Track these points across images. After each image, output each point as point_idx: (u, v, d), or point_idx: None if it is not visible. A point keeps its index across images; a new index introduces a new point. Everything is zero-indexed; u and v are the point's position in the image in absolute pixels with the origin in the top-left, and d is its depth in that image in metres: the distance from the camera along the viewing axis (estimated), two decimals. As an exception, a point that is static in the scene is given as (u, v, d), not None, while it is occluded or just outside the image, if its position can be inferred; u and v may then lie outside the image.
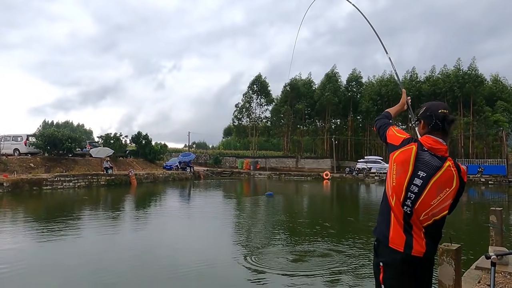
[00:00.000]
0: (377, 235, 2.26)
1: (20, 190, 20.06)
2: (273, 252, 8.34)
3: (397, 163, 2.21)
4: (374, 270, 2.29)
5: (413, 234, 2.13)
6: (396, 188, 2.18)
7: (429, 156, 2.16)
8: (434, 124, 2.21)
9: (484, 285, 4.63)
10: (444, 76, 46.86)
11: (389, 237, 2.16)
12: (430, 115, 2.23)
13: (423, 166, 2.15)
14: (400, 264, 2.13)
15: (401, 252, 2.11)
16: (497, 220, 5.81)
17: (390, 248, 2.14)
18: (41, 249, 8.45)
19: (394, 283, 2.16)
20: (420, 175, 2.14)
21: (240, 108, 56.72)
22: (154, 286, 6.10)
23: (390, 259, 2.15)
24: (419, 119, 2.32)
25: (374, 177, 37.52)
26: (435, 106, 2.28)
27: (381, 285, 2.20)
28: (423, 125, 2.28)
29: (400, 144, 2.25)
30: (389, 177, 2.23)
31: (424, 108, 2.30)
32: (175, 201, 19.79)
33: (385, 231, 2.19)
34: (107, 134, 35.72)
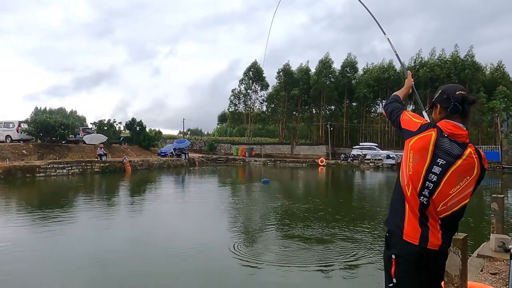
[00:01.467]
0: (390, 227, 2.13)
1: (13, 178, 19.78)
2: (268, 237, 8.27)
3: (414, 150, 2.04)
4: (385, 263, 2.15)
5: (429, 226, 2.00)
6: (412, 177, 2.02)
7: (449, 143, 2.01)
8: (453, 107, 2.05)
9: (487, 274, 4.56)
10: (442, 62, 46.67)
11: (404, 229, 2.02)
12: (447, 98, 2.08)
13: (442, 153, 2.00)
14: (415, 258, 2.01)
15: (416, 245, 1.98)
16: (499, 207, 5.74)
17: (404, 241, 2.01)
18: (38, 238, 8.29)
19: (407, 276, 2.04)
20: (439, 163, 1.99)
21: (236, 94, 56.37)
22: (152, 271, 5.99)
23: (403, 252, 2.03)
24: (435, 104, 2.16)
25: (369, 163, 37.59)
26: (452, 88, 2.13)
27: (392, 279, 2.07)
28: (440, 109, 2.13)
29: (418, 130, 2.08)
30: (405, 165, 2.06)
31: (440, 91, 2.15)
32: (170, 188, 19.66)
33: (398, 222, 2.05)
34: (101, 121, 35.33)
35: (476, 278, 4.31)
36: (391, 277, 2.08)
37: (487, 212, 8.45)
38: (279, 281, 5.58)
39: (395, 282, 2.07)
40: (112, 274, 5.98)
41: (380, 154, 38.86)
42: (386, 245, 2.15)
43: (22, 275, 5.84)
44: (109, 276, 5.91)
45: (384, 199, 15.41)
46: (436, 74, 45.09)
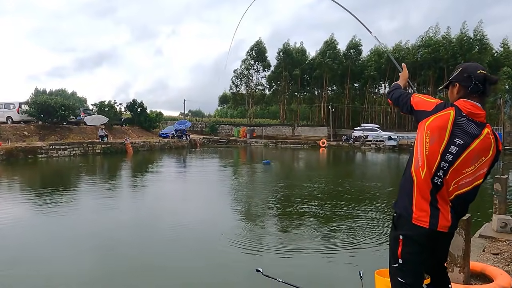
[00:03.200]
0: (399, 210, 2.09)
1: (14, 159, 19.84)
2: (269, 218, 8.32)
3: (431, 129, 1.97)
4: (391, 243, 2.14)
5: (440, 208, 1.97)
6: (429, 157, 1.97)
7: (467, 123, 1.96)
8: (474, 87, 1.99)
9: (489, 254, 4.56)
10: (447, 41, 45.81)
11: (413, 213, 2.00)
12: (468, 77, 2.01)
13: (460, 133, 1.95)
14: (423, 239, 2.00)
15: (426, 228, 1.96)
16: (502, 188, 5.71)
17: (413, 224, 1.99)
18: (43, 217, 8.33)
19: (413, 257, 2.04)
20: (456, 142, 1.95)
21: (239, 75, 55.85)
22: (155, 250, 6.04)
23: (412, 234, 2.01)
24: (453, 82, 2.10)
25: (371, 145, 37.55)
26: (473, 66, 2.07)
27: (398, 259, 2.06)
28: (459, 88, 2.06)
29: (434, 110, 2.01)
30: (421, 146, 2.00)
31: (460, 69, 2.08)
32: (172, 169, 19.72)
33: (408, 206, 2.02)
34: (101, 102, 35.10)
35: (478, 258, 4.32)
36: (397, 258, 2.07)
37: (489, 193, 8.44)
38: (281, 264, 5.61)
39: (401, 263, 2.06)
40: (116, 254, 6.03)
41: (381, 135, 38.74)
42: (394, 226, 2.13)
43: (29, 255, 5.89)
44: (113, 255, 5.96)
45: (385, 180, 15.45)
46: (441, 55, 44.41)
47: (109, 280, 4.99)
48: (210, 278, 5.05)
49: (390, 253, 2.15)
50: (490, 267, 3.76)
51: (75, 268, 5.26)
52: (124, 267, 5.39)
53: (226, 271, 5.33)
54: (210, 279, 5.02)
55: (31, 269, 5.25)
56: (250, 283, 4.82)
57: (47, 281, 4.89)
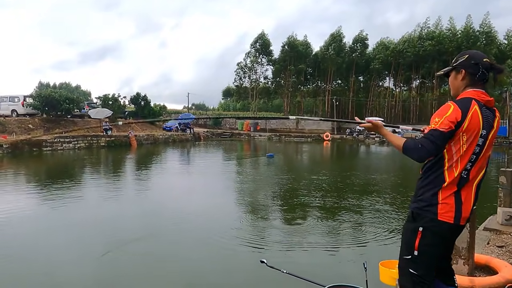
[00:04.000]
0: (419, 210, 2.04)
1: (20, 152, 19.96)
2: (273, 211, 8.35)
3: (467, 132, 1.92)
4: (406, 235, 2.11)
5: (463, 201, 1.98)
6: (464, 156, 1.95)
7: (487, 112, 1.99)
8: (481, 74, 1.99)
9: (493, 246, 4.56)
10: (452, 34, 45.37)
11: (438, 209, 1.97)
12: (476, 64, 1.99)
13: (486, 124, 1.97)
14: (447, 233, 2.02)
15: (451, 223, 1.97)
16: (507, 181, 5.69)
17: (438, 220, 1.97)
18: (48, 210, 8.38)
19: (431, 250, 2.04)
20: (482, 134, 1.96)
21: (242, 67, 55.65)
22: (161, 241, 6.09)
23: (435, 227, 1.99)
24: (458, 68, 2.06)
25: (375, 138, 37.43)
26: (479, 54, 2.05)
27: (414, 251, 2.04)
28: (465, 74, 2.03)
29: (463, 114, 1.90)
30: (456, 149, 1.95)
31: (467, 56, 2.04)
32: (176, 162, 19.78)
33: (433, 202, 1.99)
34: (105, 95, 35.19)
35: (482, 251, 4.31)
36: (412, 249, 2.05)
37: (493, 186, 8.40)
38: (285, 256, 5.63)
39: (416, 255, 2.05)
40: (120, 245, 6.06)
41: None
42: (413, 218, 2.08)
43: (35, 246, 5.95)
44: (117, 246, 6.01)
45: (389, 173, 15.41)
46: (445, 47, 44.03)
47: (113, 272, 5.02)
48: (214, 271, 5.09)
49: (404, 245, 2.13)
50: (494, 260, 3.75)
51: (79, 262, 5.29)
52: (128, 260, 5.40)
53: (230, 263, 5.36)
54: (214, 272, 5.05)
55: (35, 259, 5.30)
56: (254, 275, 4.85)
57: (50, 272, 4.93)
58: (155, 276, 4.82)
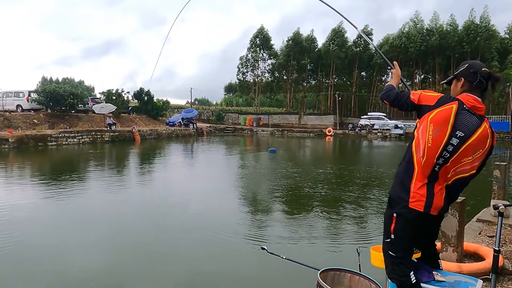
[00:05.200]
0: (396, 194, 2.26)
1: (25, 146, 20.25)
2: (275, 206, 8.55)
3: (434, 123, 2.11)
4: (385, 221, 2.34)
5: (435, 193, 2.16)
6: (431, 148, 2.12)
7: (469, 116, 2.11)
8: (478, 82, 2.15)
9: (484, 236, 4.76)
10: (453, 28, 45.21)
11: (410, 197, 2.17)
12: (474, 73, 2.16)
13: (462, 125, 2.09)
14: (415, 220, 2.21)
15: (421, 211, 2.16)
16: (501, 174, 5.86)
17: (409, 208, 2.18)
18: (54, 205, 8.56)
19: (404, 234, 2.24)
20: (457, 135, 2.10)
21: (244, 62, 55.62)
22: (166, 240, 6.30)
23: (405, 213, 2.20)
24: (458, 76, 2.24)
25: (377, 133, 37.53)
26: (478, 64, 2.23)
27: (391, 235, 2.27)
28: (464, 82, 2.20)
29: (436, 103, 2.15)
30: (423, 138, 2.14)
31: (467, 65, 2.23)
32: (179, 157, 20.01)
33: (406, 191, 2.20)
34: (109, 90, 35.39)
35: (473, 240, 4.52)
36: (389, 233, 2.28)
37: (489, 180, 8.57)
38: (284, 248, 5.84)
39: (393, 238, 2.27)
40: (124, 239, 6.27)
41: (388, 124, 38.65)
42: (389, 205, 2.32)
43: (43, 240, 6.14)
44: (122, 240, 6.22)
45: (390, 167, 15.57)
46: (448, 42, 43.91)
47: (117, 266, 5.15)
48: (217, 262, 5.27)
49: (384, 229, 2.36)
50: (483, 248, 3.95)
51: (83, 255, 5.42)
52: (132, 254, 5.50)
53: (232, 255, 5.55)
54: (216, 263, 5.24)
55: (41, 254, 5.44)
56: (255, 262, 5.07)
57: (56, 265, 5.07)
58: (159, 271, 5.02)
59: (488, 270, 3.31)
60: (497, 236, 2.33)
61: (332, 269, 2.77)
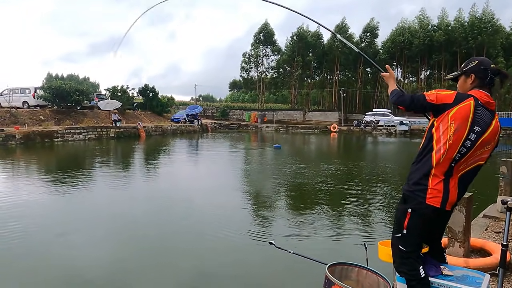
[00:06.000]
0: (411, 193, 2.26)
1: (32, 142, 20.42)
2: (281, 203, 8.59)
3: (455, 120, 2.12)
4: (398, 215, 2.35)
5: (450, 187, 2.19)
6: (452, 145, 2.14)
7: (484, 111, 2.15)
8: (490, 79, 2.19)
9: (491, 232, 4.76)
10: (459, 24, 44.80)
11: (427, 194, 2.19)
12: (485, 69, 2.19)
13: (479, 121, 2.13)
14: (430, 215, 2.24)
15: (438, 207, 2.19)
16: (508, 170, 5.84)
17: (426, 204, 2.20)
18: (61, 200, 8.66)
19: (417, 229, 2.28)
20: (475, 130, 2.13)
21: (248, 58, 55.50)
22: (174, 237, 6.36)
23: (421, 209, 2.22)
24: (468, 73, 2.26)
25: (382, 129, 37.40)
26: (487, 60, 2.25)
27: (403, 230, 2.28)
28: (475, 79, 2.23)
29: (455, 101, 2.14)
30: (444, 135, 2.15)
31: (477, 61, 2.25)
32: (185, 153, 20.07)
33: (423, 187, 2.21)
34: (114, 87, 35.52)
35: (480, 236, 4.52)
36: (402, 228, 2.29)
37: (496, 176, 8.54)
38: (292, 243, 5.87)
39: (405, 233, 2.29)
40: (131, 235, 6.33)
41: (393, 120, 38.50)
42: (404, 200, 2.31)
43: (49, 235, 6.22)
44: (128, 236, 6.28)
45: (396, 163, 15.54)
46: (454, 37, 43.52)
47: (123, 261, 5.20)
48: (224, 257, 5.32)
49: (396, 224, 2.36)
50: (490, 243, 3.96)
51: (89, 250, 5.49)
52: (137, 249, 5.55)
53: (239, 250, 5.60)
54: (224, 258, 5.29)
55: (46, 249, 5.50)
56: (263, 259, 5.11)
57: (62, 260, 5.13)
58: (166, 266, 5.08)
59: (494, 265, 3.32)
60: (505, 231, 2.35)
61: (340, 263, 2.80)
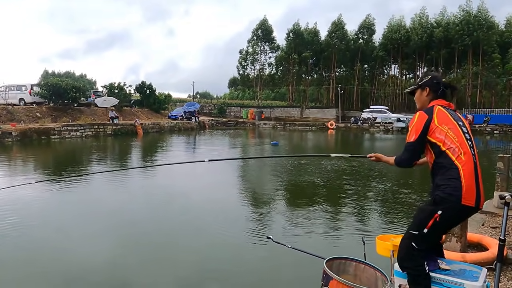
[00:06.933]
0: (445, 195, 2.22)
1: (28, 140, 20.33)
2: (279, 197, 8.61)
3: (443, 122, 2.30)
4: (421, 215, 2.34)
5: (479, 183, 2.25)
6: (459, 140, 2.26)
7: (451, 110, 2.40)
8: (442, 91, 2.45)
9: (487, 227, 4.79)
10: (457, 20, 44.84)
11: (462, 194, 2.19)
12: (437, 83, 2.45)
13: (455, 116, 2.37)
14: (464, 215, 2.35)
15: (473, 207, 2.22)
16: (504, 166, 5.87)
17: (462, 205, 2.20)
18: (58, 197, 8.64)
19: (440, 229, 2.37)
20: (460, 124, 2.34)
21: (244, 55, 55.33)
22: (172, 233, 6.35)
23: (455, 209, 2.23)
24: (423, 86, 2.49)
25: (379, 126, 37.47)
26: (438, 76, 2.52)
27: (424, 229, 2.27)
28: (429, 91, 2.47)
29: (428, 114, 2.34)
30: (447, 137, 2.27)
31: (430, 76, 2.50)
32: (182, 150, 20.06)
33: (456, 189, 2.21)
34: (111, 84, 35.38)
35: (477, 231, 4.55)
36: (423, 227, 2.27)
37: (492, 171, 8.59)
38: (289, 238, 5.88)
39: (425, 232, 2.27)
40: (129, 232, 6.32)
41: (390, 117, 38.58)
42: (434, 202, 2.27)
43: (46, 232, 6.21)
44: (126, 233, 6.28)
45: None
46: (451, 34, 43.57)
47: (121, 257, 5.19)
48: (222, 252, 5.33)
49: (416, 222, 2.35)
50: (486, 238, 3.99)
51: (87, 246, 5.46)
52: (135, 245, 5.54)
53: (236, 246, 5.60)
54: (221, 253, 5.30)
55: (47, 247, 5.47)
56: (261, 254, 5.12)
57: (59, 256, 5.11)
58: (163, 262, 5.08)
59: (491, 260, 3.33)
60: (502, 225, 2.35)
61: (337, 258, 2.81)
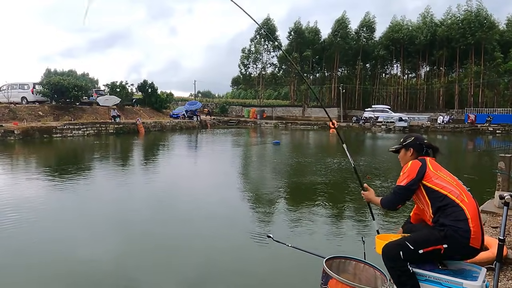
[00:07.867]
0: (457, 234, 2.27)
1: (31, 138, 20.40)
2: (281, 196, 8.61)
3: (437, 169, 2.52)
4: (428, 238, 2.35)
5: (483, 227, 2.35)
6: (457, 183, 2.45)
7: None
8: (425, 151, 2.67)
9: (488, 227, 4.78)
10: (459, 20, 44.69)
11: (470, 236, 2.26)
12: (420, 144, 2.67)
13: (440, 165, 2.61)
14: (467, 256, 2.39)
15: (478, 248, 2.29)
16: (506, 166, 5.86)
17: (470, 247, 2.27)
18: (62, 196, 8.64)
19: (437, 259, 2.43)
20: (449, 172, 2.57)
21: (247, 54, 55.28)
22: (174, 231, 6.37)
23: (461, 249, 2.31)
24: (407, 147, 2.71)
25: (381, 126, 37.43)
26: (421, 137, 2.73)
27: (424, 251, 2.33)
28: (413, 152, 2.68)
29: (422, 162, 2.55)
30: (444, 181, 2.44)
31: (413, 138, 2.72)
32: (184, 149, 20.09)
33: (466, 232, 2.26)
34: (113, 83, 35.44)
35: (477, 231, 4.53)
36: (421, 248, 2.34)
37: (494, 172, 8.56)
38: (289, 237, 5.89)
39: (420, 253, 2.34)
40: (131, 231, 6.33)
41: (392, 116, 38.52)
42: (445, 237, 2.29)
43: (51, 232, 6.23)
44: (129, 233, 6.29)
45: (394, 158, 15.56)
46: (452, 34, 43.44)
47: (125, 257, 5.19)
48: (223, 253, 5.34)
49: (417, 238, 2.39)
50: (486, 238, 3.96)
51: (91, 246, 5.48)
52: (139, 245, 5.55)
53: (237, 245, 5.61)
54: (223, 253, 5.31)
55: (48, 245, 5.49)
56: (261, 254, 5.13)
57: (65, 256, 5.13)
58: (167, 262, 5.09)
59: (491, 260, 3.33)
60: (502, 225, 2.37)
61: (337, 257, 2.82)
